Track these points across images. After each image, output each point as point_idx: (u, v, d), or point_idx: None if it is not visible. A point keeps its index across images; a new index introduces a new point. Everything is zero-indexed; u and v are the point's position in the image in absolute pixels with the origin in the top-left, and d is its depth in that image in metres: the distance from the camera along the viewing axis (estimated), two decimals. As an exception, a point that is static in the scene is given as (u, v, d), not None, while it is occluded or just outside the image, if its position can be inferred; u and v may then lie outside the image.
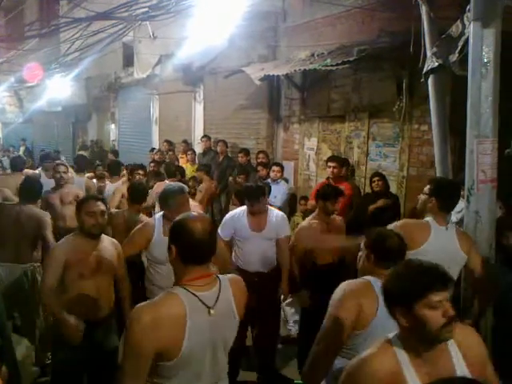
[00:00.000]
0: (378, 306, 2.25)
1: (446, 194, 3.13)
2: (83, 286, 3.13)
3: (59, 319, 3.14)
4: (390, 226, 2.98)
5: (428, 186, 3.23)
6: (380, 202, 5.31)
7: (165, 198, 3.57)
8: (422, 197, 3.25)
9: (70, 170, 6.37)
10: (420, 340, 1.67)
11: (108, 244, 3.31)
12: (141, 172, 6.15)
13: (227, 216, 4.24)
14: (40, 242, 4.30)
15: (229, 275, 2.20)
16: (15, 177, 5.90)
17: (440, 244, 2.98)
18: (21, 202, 4.39)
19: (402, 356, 1.68)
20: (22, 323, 4.23)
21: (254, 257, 4.04)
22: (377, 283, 2.31)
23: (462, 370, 1.70)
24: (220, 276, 2.09)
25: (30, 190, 4.46)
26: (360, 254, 2.54)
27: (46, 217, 4.35)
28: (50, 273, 3.12)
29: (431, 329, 1.62)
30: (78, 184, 6.19)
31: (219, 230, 3.98)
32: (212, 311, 1.92)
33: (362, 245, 2.53)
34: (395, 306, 1.71)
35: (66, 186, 5.57)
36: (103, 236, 3.29)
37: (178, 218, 2.05)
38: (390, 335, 1.77)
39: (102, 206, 3.20)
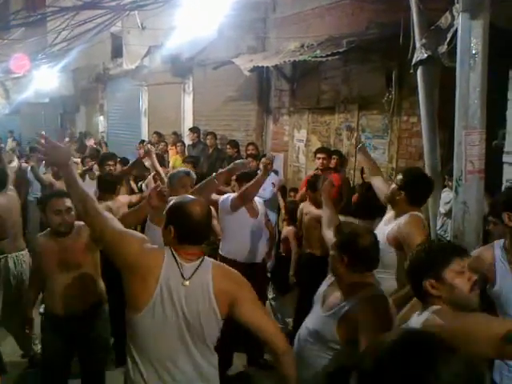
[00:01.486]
0: None
1: (416, 189, 3.03)
2: (59, 281, 3.10)
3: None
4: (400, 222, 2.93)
5: (400, 177, 3.11)
6: (358, 189, 5.27)
7: (171, 178, 3.74)
8: (393, 186, 3.12)
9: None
10: (453, 306, 1.80)
11: (76, 234, 3.17)
12: (111, 163, 5.98)
13: (223, 197, 4.16)
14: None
15: (218, 262, 2.24)
16: None
17: None
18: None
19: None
20: (4, 315, 4.17)
21: (250, 245, 4.05)
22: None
23: None
24: (207, 257, 2.13)
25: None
26: (331, 253, 2.35)
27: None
28: (34, 266, 3.25)
29: (462, 292, 1.80)
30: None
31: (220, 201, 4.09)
32: (186, 282, 1.98)
33: (333, 245, 2.35)
34: (426, 278, 1.83)
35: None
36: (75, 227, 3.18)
37: (176, 199, 2.12)
38: (415, 321, 1.84)
39: (68, 203, 3.05)
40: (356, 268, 2.23)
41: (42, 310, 3.32)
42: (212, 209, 4.00)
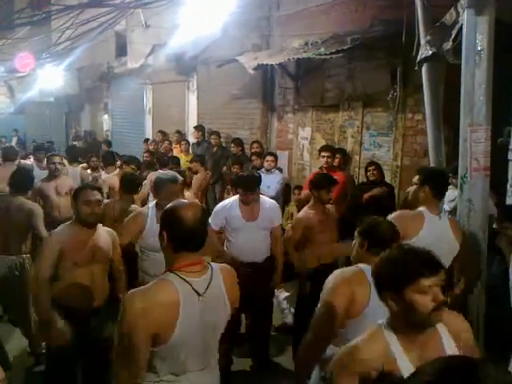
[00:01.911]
0: (370, 293, 2.26)
1: (437, 181, 3.16)
2: (77, 274, 3.12)
3: (48, 320, 3.12)
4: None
5: (417, 176, 3.24)
6: (375, 191, 5.32)
7: (157, 186, 3.60)
8: (413, 187, 3.25)
9: (65, 161, 6.34)
10: (410, 324, 1.68)
11: (103, 233, 3.31)
12: (133, 167, 6.08)
13: (218, 206, 4.20)
14: (29, 234, 4.26)
15: (220, 264, 2.21)
16: (7, 167, 5.86)
17: (434, 233, 2.99)
18: (11, 193, 4.33)
19: (393, 341, 1.69)
20: (14, 314, 4.24)
21: (248, 247, 4.01)
22: (370, 271, 2.32)
23: (453, 351, 1.71)
24: (212, 264, 2.10)
25: (20, 181, 4.40)
26: (353, 242, 2.56)
27: (37, 207, 4.32)
28: (46, 263, 3.08)
29: (421, 313, 1.63)
30: (72, 174, 6.16)
31: (210, 220, 3.93)
32: (202, 298, 1.95)
33: (356, 233, 2.55)
34: (385, 290, 1.72)
35: (60, 177, 5.54)
36: (99, 225, 3.30)
37: (169, 205, 2.07)
38: (381, 321, 1.78)
39: (98, 196, 3.22)
40: (374, 252, 2.36)
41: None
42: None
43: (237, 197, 4.10)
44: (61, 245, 3.10)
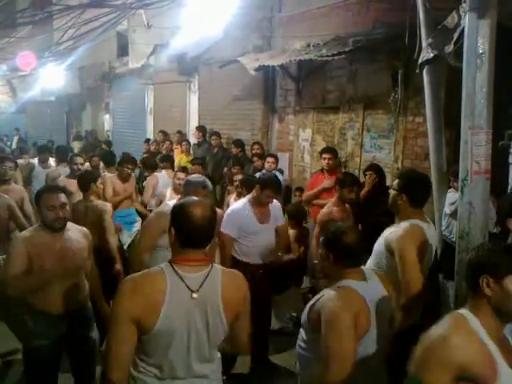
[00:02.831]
0: (367, 305, 2.23)
1: (416, 188, 2.96)
2: (47, 278, 2.95)
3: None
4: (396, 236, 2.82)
5: (397, 181, 3.05)
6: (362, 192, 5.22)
7: (186, 188, 3.56)
8: (392, 192, 3.04)
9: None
10: (500, 312, 1.76)
11: (75, 234, 3.12)
12: (130, 167, 6.01)
13: (229, 212, 4.07)
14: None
15: (227, 268, 2.20)
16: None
17: (432, 241, 2.98)
18: None
19: (480, 330, 1.73)
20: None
21: (263, 249, 4.02)
22: (354, 283, 2.27)
23: None
24: (215, 264, 2.09)
25: None
26: (319, 251, 2.45)
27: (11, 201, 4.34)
28: (12, 262, 2.90)
29: None
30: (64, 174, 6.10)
31: (222, 229, 3.90)
32: (194, 295, 1.94)
33: (320, 243, 2.44)
34: (484, 274, 1.78)
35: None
36: (69, 226, 3.10)
37: (179, 201, 2.10)
38: (461, 311, 1.80)
39: (63, 198, 2.98)
40: (341, 264, 2.32)
41: None
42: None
43: (246, 200, 4.08)
44: (26, 249, 2.91)
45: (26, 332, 3.06)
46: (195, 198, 2.14)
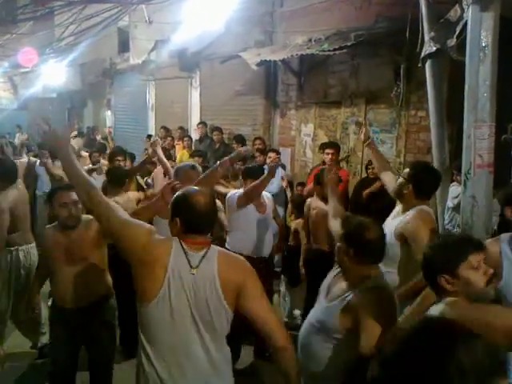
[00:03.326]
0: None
1: (424, 181, 2.99)
2: (64, 274, 3.10)
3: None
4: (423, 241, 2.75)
5: (407, 170, 3.09)
6: (373, 187, 5.28)
7: (176, 173, 3.72)
8: (400, 179, 3.08)
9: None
10: (469, 298, 1.80)
11: (84, 227, 3.16)
12: (120, 158, 5.97)
13: (229, 194, 4.20)
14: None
15: (223, 249, 2.22)
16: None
17: None
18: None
19: None
20: (15, 306, 4.21)
21: (256, 239, 4.04)
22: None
23: None
24: (214, 246, 2.14)
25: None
26: (338, 245, 2.37)
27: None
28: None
29: (478, 287, 1.81)
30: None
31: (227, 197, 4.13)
32: (193, 271, 2.00)
33: (341, 237, 2.34)
34: (440, 274, 1.84)
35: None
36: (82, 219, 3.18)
37: (180, 191, 2.15)
38: (432, 311, 1.83)
39: (75, 196, 3.01)
40: (361, 260, 2.24)
41: (49, 303, 3.33)
42: (219, 202, 4.05)
43: (242, 190, 4.14)
44: (46, 244, 3.20)
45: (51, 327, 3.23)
46: (194, 187, 2.21)
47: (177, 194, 2.16)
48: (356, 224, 2.30)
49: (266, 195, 4.26)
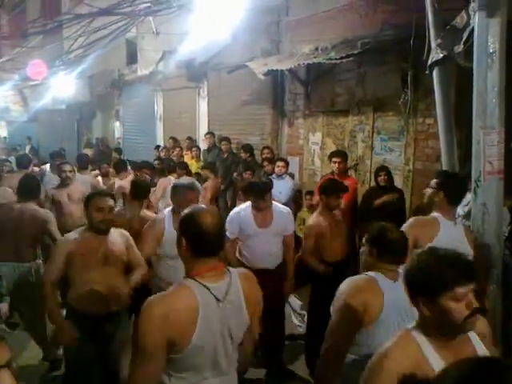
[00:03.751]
0: (383, 301, 2.25)
1: (454, 187, 3.11)
2: (89, 279, 3.13)
3: (55, 322, 3.23)
4: (403, 227, 2.98)
5: (435, 180, 3.19)
6: (385, 198, 5.29)
7: (174, 192, 3.60)
8: (429, 190, 3.20)
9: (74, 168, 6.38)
10: (442, 329, 1.67)
11: (116, 236, 3.31)
12: (147, 171, 6.13)
13: (232, 213, 4.18)
14: (40, 240, 4.29)
15: (239, 269, 2.21)
16: (20, 175, 5.91)
17: (449, 239, 2.93)
18: (20, 201, 4.30)
19: (424, 343, 1.67)
20: (28, 321, 4.25)
21: (261, 254, 4.00)
22: (380, 278, 2.33)
23: (481, 352, 1.71)
24: (230, 268, 2.09)
25: (28, 188, 4.39)
26: (362, 249, 2.54)
27: (50, 214, 4.34)
28: (53, 266, 3.17)
29: (455, 320, 1.63)
30: (82, 182, 6.20)
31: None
32: (221, 304, 1.93)
33: (364, 240, 2.53)
34: (419, 295, 1.70)
35: (72, 184, 5.59)
36: (112, 229, 3.30)
37: (186, 210, 2.06)
38: (409, 326, 1.77)
39: (110, 202, 3.24)
40: (384, 259, 2.38)
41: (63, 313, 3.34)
42: None
43: (249, 203, 4.09)
44: (69, 249, 3.13)
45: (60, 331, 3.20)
46: (201, 206, 2.15)
47: (183, 212, 2.08)
48: (379, 227, 2.50)
49: (283, 209, 4.18)
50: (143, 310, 1.85)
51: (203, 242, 1.95)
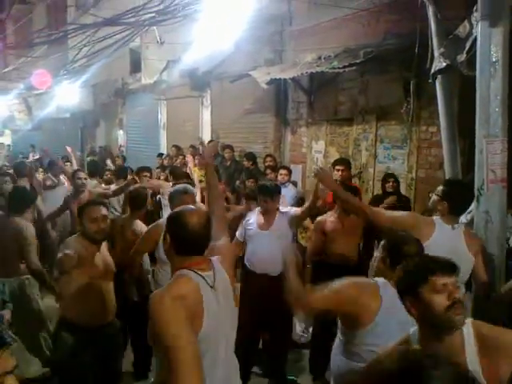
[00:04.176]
0: (379, 307, 2.25)
1: (459, 198, 3.10)
2: (89, 290, 3.03)
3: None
4: (399, 213, 3.03)
5: (441, 188, 3.17)
6: (387, 201, 5.24)
7: (171, 199, 3.71)
8: (434, 197, 3.20)
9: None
10: (431, 327, 1.68)
11: (105, 247, 3.29)
12: (147, 174, 6.14)
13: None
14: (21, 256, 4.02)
15: (216, 253, 2.18)
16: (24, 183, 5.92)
17: (444, 242, 2.93)
18: (9, 213, 4.15)
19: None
20: (21, 336, 3.95)
21: (262, 256, 3.99)
22: (385, 286, 2.32)
23: (473, 366, 1.68)
24: (212, 258, 2.11)
25: (18, 201, 4.23)
26: (376, 254, 2.55)
27: (28, 231, 4.01)
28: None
29: (437, 311, 1.65)
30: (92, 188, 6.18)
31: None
32: (214, 290, 1.99)
33: (381, 246, 2.52)
34: (405, 296, 1.76)
35: (84, 192, 5.55)
36: None
37: (176, 209, 2.14)
38: (411, 331, 1.79)
39: (104, 211, 3.15)
40: (395, 270, 2.32)
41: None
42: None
43: (258, 209, 4.18)
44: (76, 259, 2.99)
45: (63, 349, 3.07)
46: (190, 206, 2.18)
47: (171, 213, 2.17)
48: (397, 237, 2.50)
49: (286, 210, 4.22)
50: (155, 303, 1.83)
51: (186, 242, 1.99)
